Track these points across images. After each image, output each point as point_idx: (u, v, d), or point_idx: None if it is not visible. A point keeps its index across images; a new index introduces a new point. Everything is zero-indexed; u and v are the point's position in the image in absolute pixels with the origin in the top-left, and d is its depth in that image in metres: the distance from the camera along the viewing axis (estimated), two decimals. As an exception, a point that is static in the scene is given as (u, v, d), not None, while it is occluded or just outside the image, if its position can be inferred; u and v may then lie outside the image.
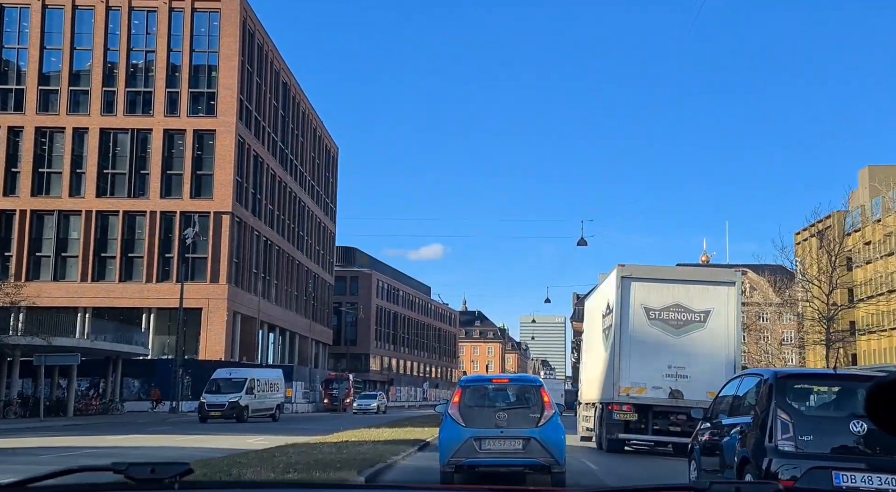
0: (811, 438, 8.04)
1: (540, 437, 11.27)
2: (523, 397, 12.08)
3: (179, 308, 47.72)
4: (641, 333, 18.01)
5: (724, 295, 18.17)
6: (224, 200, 56.12)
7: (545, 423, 11.44)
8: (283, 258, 70.57)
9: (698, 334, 17.93)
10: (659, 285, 18.29)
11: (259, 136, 62.60)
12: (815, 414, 8.75)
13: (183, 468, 2.00)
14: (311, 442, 18.04)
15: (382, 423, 31.47)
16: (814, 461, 7.91)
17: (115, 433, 24.70)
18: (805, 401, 8.93)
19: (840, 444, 7.97)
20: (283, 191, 70.22)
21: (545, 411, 11.52)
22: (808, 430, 8.10)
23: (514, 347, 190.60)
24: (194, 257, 56.46)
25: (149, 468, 1.98)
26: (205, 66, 57.36)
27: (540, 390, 11.99)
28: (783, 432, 8.09)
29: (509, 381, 13.12)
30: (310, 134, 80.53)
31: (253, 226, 61.36)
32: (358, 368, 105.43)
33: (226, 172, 56.30)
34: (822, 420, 8.50)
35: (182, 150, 56.61)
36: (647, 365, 17.85)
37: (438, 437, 12.30)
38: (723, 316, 18.01)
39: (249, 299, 60.69)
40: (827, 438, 8.06)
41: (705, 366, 17.56)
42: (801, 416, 8.28)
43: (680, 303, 18.04)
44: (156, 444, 20.23)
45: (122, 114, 56.42)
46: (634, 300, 18.23)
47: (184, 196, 56.27)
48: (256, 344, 62.66)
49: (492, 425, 11.37)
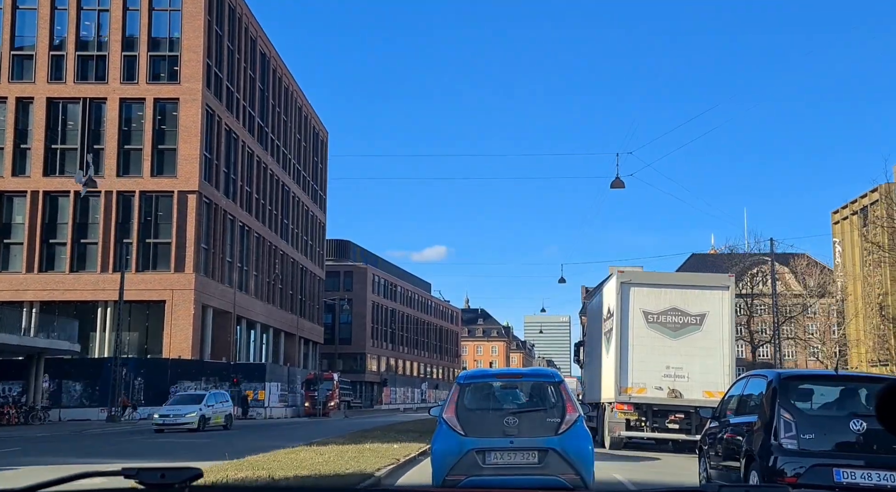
0: (813, 436, 8.45)
1: (561, 448, 9.18)
2: (538, 397, 10.02)
3: (120, 300, 40.84)
4: (641, 336, 18.80)
5: (719, 299, 18.99)
6: (189, 178, 49.41)
7: (567, 429, 9.33)
8: (265, 247, 63.85)
9: (695, 336, 18.73)
10: (656, 290, 19.16)
11: (232, 108, 55.89)
12: (817, 414, 9.01)
13: (193, 473, 2.01)
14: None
15: (360, 428, 25.01)
16: (816, 459, 8.29)
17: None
18: (807, 401, 9.16)
19: (841, 442, 8.39)
20: (263, 173, 63.50)
21: (567, 415, 9.42)
22: (810, 429, 8.51)
23: (518, 346, 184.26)
24: (157, 243, 49.79)
25: (159, 473, 1.98)
26: (166, 26, 50.61)
27: (560, 388, 9.77)
28: (786, 430, 8.51)
29: (520, 376, 11.16)
30: (294, 113, 73.80)
31: (226, 209, 54.65)
32: (353, 368, 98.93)
33: (191, 146, 49.58)
34: (824, 419, 8.82)
35: (141, 121, 49.91)
36: (646, 366, 18.63)
37: (430, 448, 10.07)
38: (718, 319, 18.82)
39: (223, 291, 54.00)
40: (828, 436, 8.45)
41: (702, 366, 18.47)
42: (804, 415, 8.68)
43: (677, 307, 18.90)
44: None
45: (72, 81, 49.73)
46: (633, 305, 19.01)
47: (143, 174, 49.59)
48: (232, 341, 55.92)
49: (499, 432, 9.26)
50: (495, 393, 10.23)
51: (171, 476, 1.97)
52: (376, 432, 23.89)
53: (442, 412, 9.65)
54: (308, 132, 79.20)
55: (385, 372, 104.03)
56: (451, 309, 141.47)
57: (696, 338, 18.64)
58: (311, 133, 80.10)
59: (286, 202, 70.90)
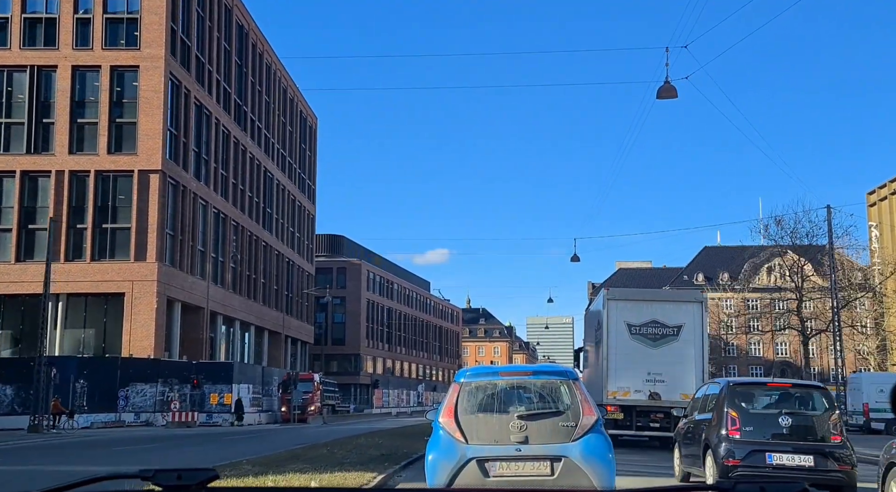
0: (752, 429, 11.12)
1: (578, 456, 8.02)
2: (550, 398, 8.68)
3: (46, 289, 35.40)
4: (625, 346, 20.71)
5: (692, 312, 20.95)
6: (151, 156, 43.95)
7: (584, 434, 8.18)
8: (244, 238, 58.40)
9: (672, 345, 20.58)
10: (639, 304, 21.27)
11: (204, 81, 50.42)
12: (756, 412, 11.54)
13: (209, 475, 2.03)
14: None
15: (328, 438, 19.57)
16: (753, 446, 10.95)
17: None
18: (750, 402, 11.73)
19: (773, 433, 11.05)
20: (242, 156, 58.07)
21: (584, 418, 8.27)
22: (749, 423, 11.17)
23: (521, 346, 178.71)
24: (115, 228, 44.32)
25: (175, 475, 2.00)
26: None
27: (575, 387, 8.57)
28: (731, 424, 11.12)
29: (529, 373, 9.39)
30: (279, 95, 68.36)
31: (196, 192, 49.16)
32: (348, 370, 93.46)
33: (153, 119, 44.13)
34: (760, 416, 11.41)
35: (97, 92, 44.45)
36: (630, 372, 20.54)
37: (425, 458, 8.75)
38: (692, 329, 20.71)
39: (193, 284, 48.55)
40: (763, 429, 11.13)
41: (678, 372, 20.30)
42: (745, 413, 11.31)
43: (656, 319, 20.82)
44: None
45: (18, 47, 44.29)
46: (618, 318, 20.90)
47: (99, 151, 44.14)
48: (205, 340, 50.42)
49: (504, 439, 8.14)
50: (500, 393, 8.81)
51: (188, 478, 2.00)
52: (332, 447, 18.23)
53: (438, 416, 8.61)
54: (295, 116, 73.76)
55: (375, 373, 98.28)
56: (452, 308, 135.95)
57: (673, 347, 20.43)
58: (298, 117, 74.65)
59: (269, 190, 65.46)
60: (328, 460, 14.44)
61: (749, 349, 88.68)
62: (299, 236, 74.85)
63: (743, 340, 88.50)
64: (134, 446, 23.39)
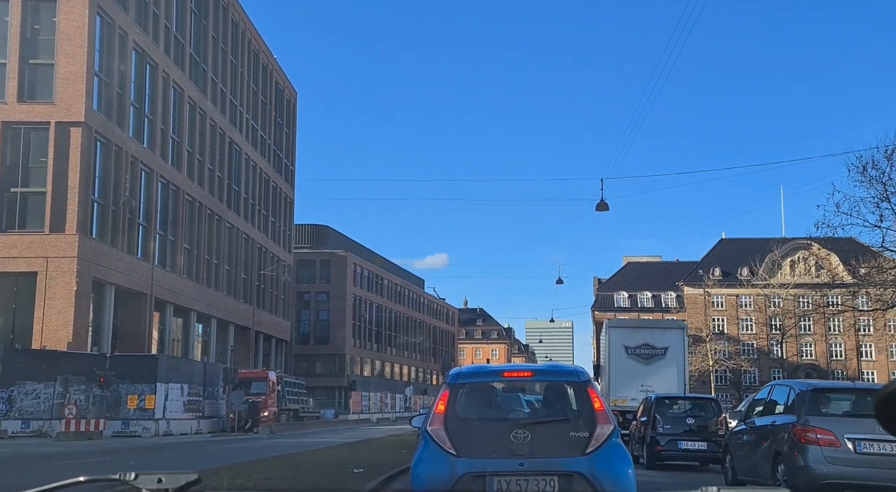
0: (670, 426, 17.40)
1: (592, 472, 6.50)
2: (558, 403, 7.30)
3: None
4: (622, 364, 25.04)
5: (676, 337, 25.64)
6: (72, 105, 36.04)
7: (599, 447, 6.64)
8: (203, 216, 50.45)
9: (660, 363, 24.96)
10: (633, 331, 26.47)
11: (146, 24, 42.48)
12: (673, 414, 18.16)
13: (191, 478, 1.99)
14: None
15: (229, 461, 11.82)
16: (671, 437, 17.09)
17: None
18: (671, 408, 18.41)
19: (683, 429, 17.27)
20: (200, 121, 50.20)
21: (598, 427, 6.74)
22: (669, 422, 17.54)
23: (520, 349, 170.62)
24: (27, 193, 36.42)
25: (156, 478, 1.97)
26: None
27: (586, 390, 7.06)
28: (658, 423, 17.53)
29: (533, 374, 8.05)
30: (249, 60, 60.55)
31: (136, 155, 41.23)
32: (332, 371, 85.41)
33: (75, 61, 36.23)
34: (677, 417, 17.77)
35: (5, 27, 36.57)
36: (626, 384, 24.66)
37: (411, 473, 7.12)
38: (676, 350, 25.15)
39: (132, 265, 40.64)
40: (677, 426, 17.40)
41: (665, 384, 24.08)
42: (666, 415, 17.80)
43: (648, 342, 25.24)
44: None
45: None
46: (618, 342, 25.36)
47: (8, 98, 36.28)
48: (146, 332, 42.45)
49: (504, 451, 6.61)
50: (498, 397, 7.68)
51: (169, 481, 1.97)
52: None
53: (426, 424, 6.93)
54: (269, 87, 65.91)
55: (362, 375, 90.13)
56: (448, 308, 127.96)
57: (661, 364, 24.90)
58: (273, 88, 66.78)
59: (237, 166, 57.61)
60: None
61: (770, 351, 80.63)
62: (274, 221, 66.95)
63: (765, 342, 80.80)
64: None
